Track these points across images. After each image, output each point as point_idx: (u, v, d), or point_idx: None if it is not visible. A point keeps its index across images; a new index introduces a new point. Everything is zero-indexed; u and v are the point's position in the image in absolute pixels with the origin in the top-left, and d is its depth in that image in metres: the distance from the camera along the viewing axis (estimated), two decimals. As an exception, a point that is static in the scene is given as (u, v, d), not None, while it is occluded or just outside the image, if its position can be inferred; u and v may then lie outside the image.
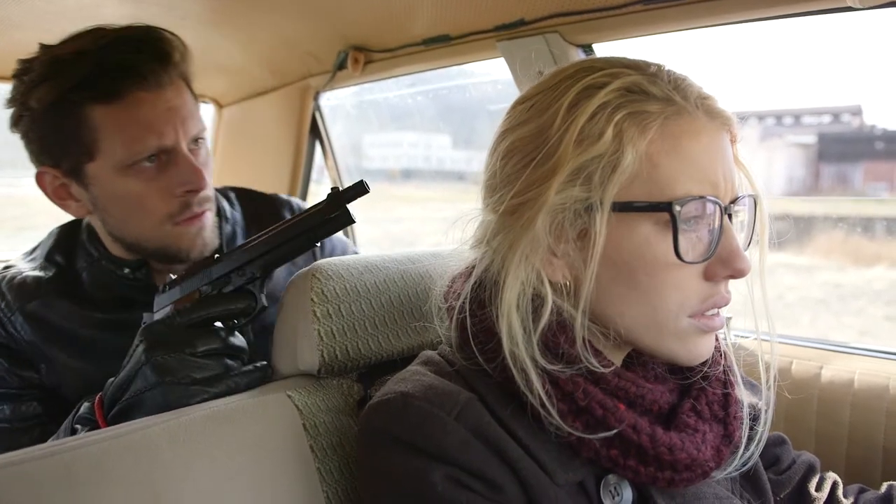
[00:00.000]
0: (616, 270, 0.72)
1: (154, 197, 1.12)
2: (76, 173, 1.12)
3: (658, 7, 1.16)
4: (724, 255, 0.72)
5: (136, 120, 1.08)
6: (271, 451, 0.85)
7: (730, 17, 1.15)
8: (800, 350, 1.40)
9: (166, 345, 0.90)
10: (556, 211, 0.71)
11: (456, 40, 1.51)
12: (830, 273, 6.45)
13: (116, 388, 0.93)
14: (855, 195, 7.12)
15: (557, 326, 0.73)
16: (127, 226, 1.16)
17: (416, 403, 0.72)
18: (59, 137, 1.09)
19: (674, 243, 0.69)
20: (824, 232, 6.24)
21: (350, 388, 0.97)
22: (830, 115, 9.22)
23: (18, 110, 1.11)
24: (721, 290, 0.74)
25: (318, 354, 0.91)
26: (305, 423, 0.89)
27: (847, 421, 1.28)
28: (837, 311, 5.86)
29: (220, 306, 0.95)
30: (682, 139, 0.71)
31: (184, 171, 1.12)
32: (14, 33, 1.56)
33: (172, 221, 1.14)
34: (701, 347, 0.75)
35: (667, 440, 0.72)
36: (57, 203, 1.17)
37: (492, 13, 1.35)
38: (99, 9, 1.38)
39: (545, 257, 0.73)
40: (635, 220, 0.71)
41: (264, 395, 0.90)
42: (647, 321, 0.73)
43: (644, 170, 0.70)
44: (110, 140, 1.08)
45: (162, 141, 1.10)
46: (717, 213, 0.71)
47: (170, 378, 0.88)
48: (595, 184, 0.70)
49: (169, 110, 1.10)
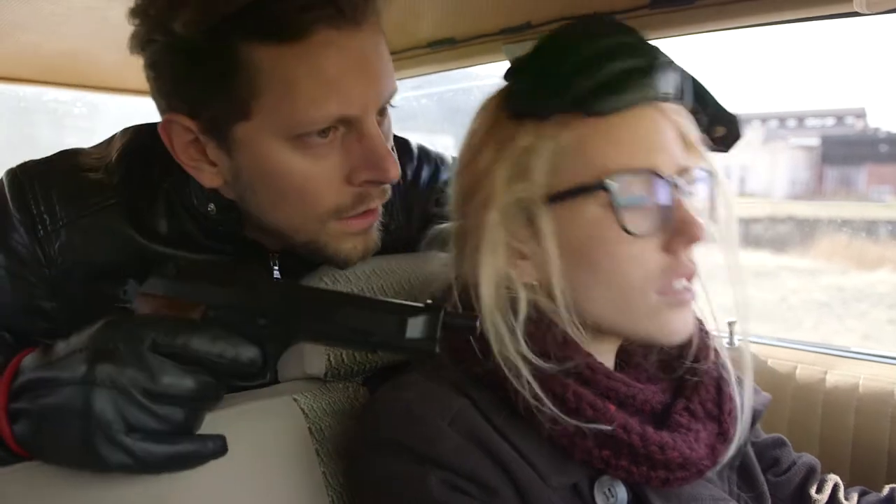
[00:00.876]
0: (577, 258, 0.74)
1: (322, 183, 0.82)
2: (219, 131, 0.81)
3: (664, 11, 1.16)
4: (676, 224, 0.72)
5: (319, 72, 0.76)
6: (277, 455, 0.86)
7: (736, 22, 1.15)
8: (804, 355, 1.40)
9: (117, 367, 0.63)
10: (507, 211, 0.74)
11: (461, 43, 1.51)
12: (833, 276, 6.44)
13: (38, 382, 0.65)
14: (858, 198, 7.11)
15: (541, 325, 0.75)
16: (274, 210, 0.86)
17: (410, 409, 0.73)
18: (205, 80, 0.78)
19: (617, 219, 0.71)
20: (827, 235, 6.23)
21: (356, 392, 0.97)
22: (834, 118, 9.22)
23: (150, 30, 0.79)
24: (683, 261, 0.74)
25: (325, 358, 0.91)
26: (311, 427, 0.89)
27: (852, 426, 1.28)
28: (841, 315, 5.85)
29: (213, 346, 0.66)
30: (610, 122, 0.72)
31: (370, 152, 0.81)
32: (19, 35, 1.56)
33: (338, 216, 0.86)
34: (675, 323, 0.75)
35: (658, 439, 0.72)
36: (185, 163, 0.85)
37: (497, 16, 1.35)
38: (106, 11, 1.38)
39: (511, 261, 0.76)
40: (580, 205, 0.73)
41: (270, 399, 0.90)
42: (616, 303, 0.74)
43: (572, 153, 0.72)
44: (276, 97, 0.76)
45: (347, 107, 0.78)
46: (660, 184, 0.72)
47: (99, 421, 0.62)
48: (531, 179, 0.73)
49: (362, 62, 0.78)
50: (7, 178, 0.92)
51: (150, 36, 0.79)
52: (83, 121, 2.58)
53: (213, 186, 0.88)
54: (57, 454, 0.67)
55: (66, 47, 1.65)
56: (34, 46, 1.63)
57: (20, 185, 0.90)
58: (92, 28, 1.50)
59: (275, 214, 0.87)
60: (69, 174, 0.92)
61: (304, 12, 0.73)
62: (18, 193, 0.90)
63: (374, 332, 0.68)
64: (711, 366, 0.83)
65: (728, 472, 0.85)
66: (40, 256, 0.89)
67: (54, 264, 0.89)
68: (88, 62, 1.80)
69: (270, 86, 0.76)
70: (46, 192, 0.90)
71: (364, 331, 0.68)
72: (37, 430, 0.65)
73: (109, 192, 0.92)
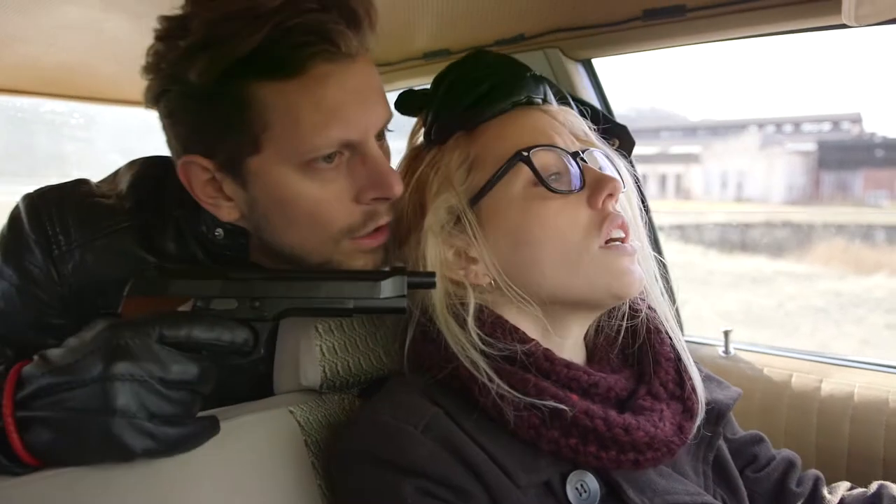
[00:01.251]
0: (516, 239, 0.82)
1: (333, 204, 0.88)
2: (233, 167, 0.87)
3: (659, 23, 1.18)
4: (591, 182, 0.82)
5: (320, 102, 0.82)
6: (273, 468, 0.86)
7: (728, 34, 1.17)
8: (800, 363, 1.41)
9: (134, 361, 0.69)
10: (441, 220, 0.85)
11: (456, 54, 1.52)
12: (831, 281, 6.45)
13: (50, 388, 0.69)
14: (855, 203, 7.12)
15: (492, 319, 0.81)
16: (289, 236, 0.91)
17: (385, 420, 0.76)
18: (219, 120, 0.84)
19: (540, 181, 0.80)
20: (824, 240, 6.25)
21: (352, 404, 0.97)
22: (830, 123, 9.22)
23: (164, 83, 0.85)
24: (610, 210, 0.82)
25: (321, 370, 0.92)
26: (307, 440, 0.89)
27: (847, 434, 1.28)
28: (838, 320, 5.87)
29: (212, 331, 0.75)
30: (502, 124, 0.87)
31: (374, 172, 0.87)
32: (18, 47, 1.57)
33: (351, 236, 0.90)
34: (624, 271, 0.81)
35: (621, 422, 0.75)
36: (204, 202, 0.91)
37: (492, 28, 1.37)
38: (104, 23, 1.39)
39: (462, 265, 0.84)
40: (503, 189, 0.83)
41: (266, 411, 0.90)
42: (565, 266, 0.80)
43: (480, 157, 0.85)
44: (283, 128, 0.83)
45: (348, 132, 0.84)
46: (564, 155, 0.83)
47: (124, 412, 0.68)
48: (453, 188, 0.85)
49: (358, 91, 0.85)
50: (24, 202, 0.97)
51: (165, 87, 0.85)
52: (81, 131, 2.59)
53: (231, 220, 0.93)
54: (80, 455, 0.71)
55: (65, 59, 1.65)
56: (33, 58, 1.64)
57: (37, 208, 0.96)
58: (90, 41, 1.51)
59: (290, 239, 0.91)
60: (83, 199, 0.98)
61: (302, 49, 0.80)
62: (35, 216, 0.95)
63: (352, 298, 0.80)
64: (668, 349, 0.88)
65: (703, 467, 0.86)
66: (54, 275, 0.94)
67: (67, 283, 0.95)
68: (86, 74, 1.81)
69: (277, 118, 0.82)
70: (62, 215, 0.95)
71: (343, 298, 0.80)
72: (57, 435, 0.69)
73: (122, 216, 0.97)
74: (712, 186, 12.51)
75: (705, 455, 0.86)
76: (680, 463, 0.83)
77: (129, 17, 1.35)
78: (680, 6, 1.11)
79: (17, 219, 0.96)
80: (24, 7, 1.28)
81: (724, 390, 0.92)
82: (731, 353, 1.52)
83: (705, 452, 0.86)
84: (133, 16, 1.35)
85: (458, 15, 1.31)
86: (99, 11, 1.32)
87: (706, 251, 7.14)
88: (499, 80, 0.88)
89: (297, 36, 0.79)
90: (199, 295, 0.80)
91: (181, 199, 0.96)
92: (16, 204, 0.98)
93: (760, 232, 6.41)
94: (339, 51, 0.81)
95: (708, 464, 0.87)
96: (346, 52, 0.82)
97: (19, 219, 0.96)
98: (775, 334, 5.77)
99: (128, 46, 1.55)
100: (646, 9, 1.15)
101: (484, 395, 0.75)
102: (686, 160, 14.06)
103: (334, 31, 0.80)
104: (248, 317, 0.79)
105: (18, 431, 0.68)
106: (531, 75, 0.91)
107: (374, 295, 0.81)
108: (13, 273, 0.94)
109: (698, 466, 0.86)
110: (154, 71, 0.86)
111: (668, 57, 1.28)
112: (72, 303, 0.95)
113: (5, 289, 0.95)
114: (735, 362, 1.50)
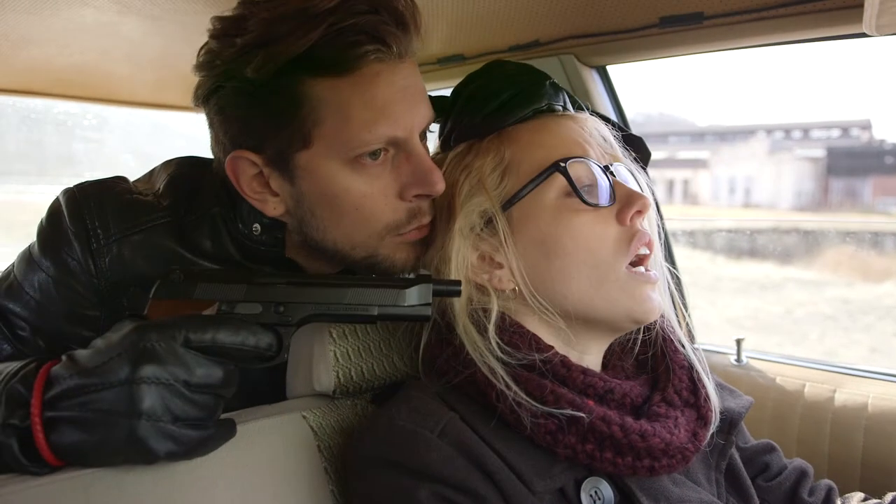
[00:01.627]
0: (544, 249, 0.82)
1: (378, 199, 0.90)
2: (282, 162, 0.90)
3: (676, 30, 1.17)
4: (622, 198, 0.83)
5: (370, 100, 0.86)
6: (286, 473, 0.86)
7: (745, 42, 1.15)
8: (812, 373, 1.40)
9: (160, 365, 0.70)
10: (471, 224, 0.86)
11: (470, 60, 1.52)
12: (839, 289, 6.42)
13: (78, 389, 0.70)
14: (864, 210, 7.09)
15: (513, 327, 0.82)
16: (335, 230, 0.93)
17: (401, 424, 0.76)
18: (271, 115, 0.87)
19: (575, 192, 0.81)
20: (833, 247, 6.22)
21: (364, 410, 0.97)
22: (839, 130, 9.21)
23: (218, 80, 0.88)
24: (638, 228, 0.83)
25: (334, 375, 0.92)
26: (320, 445, 0.89)
27: (861, 444, 1.27)
28: (847, 327, 5.84)
29: (237, 336, 0.75)
30: (537, 130, 0.88)
31: (418, 169, 0.89)
32: (32, 49, 1.57)
33: (396, 232, 0.93)
34: (647, 298, 0.82)
35: (637, 427, 0.76)
36: (249, 196, 0.94)
37: (507, 33, 1.36)
38: (117, 26, 1.40)
39: (487, 270, 0.85)
40: (536, 197, 0.84)
41: (280, 416, 0.90)
42: (591, 281, 0.81)
43: (515, 162, 0.86)
44: (333, 123, 0.86)
45: (395, 129, 0.87)
46: (596, 168, 0.84)
47: (149, 415, 0.69)
48: (485, 191, 0.85)
49: (406, 89, 0.88)
50: (65, 195, 0.99)
51: (218, 83, 0.89)
52: (93, 132, 2.61)
53: (276, 215, 0.96)
54: (103, 456, 0.72)
55: (78, 61, 1.66)
56: (46, 60, 1.65)
57: (77, 201, 0.98)
58: (104, 43, 1.52)
59: (335, 234, 0.94)
60: (122, 195, 1.00)
61: (355, 48, 0.83)
62: (75, 209, 0.97)
63: (377, 305, 0.81)
64: (682, 357, 0.89)
65: (716, 475, 0.86)
66: (91, 268, 0.96)
67: (104, 276, 0.96)
68: (99, 75, 1.81)
69: (329, 114, 0.86)
70: (101, 209, 0.97)
71: (368, 305, 0.81)
72: (83, 435, 0.69)
73: (159, 212, 1.00)
74: (720, 192, 12.46)
75: (718, 463, 0.86)
76: (693, 471, 0.83)
77: (144, 19, 1.36)
78: (698, 13, 1.10)
79: (57, 211, 0.98)
80: (38, 9, 1.28)
81: (736, 399, 0.92)
82: (743, 362, 1.51)
83: (718, 461, 0.86)
84: (148, 18, 1.35)
85: (473, 20, 1.31)
86: (114, 14, 1.32)
87: (714, 257, 7.12)
88: (519, 89, 0.89)
89: (350, 36, 0.83)
90: (224, 299, 0.80)
91: (217, 197, 1.00)
92: (55, 197, 1.00)
93: (768, 238, 6.39)
94: (389, 51, 0.85)
95: (721, 472, 0.87)
96: (395, 53, 0.86)
97: (59, 211, 0.97)
98: (784, 341, 5.75)
99: (142, 48, 1.56)
100: (663, 16, 1.15)
101: (501, 401, 0.76)
102: (694, 165, 14.02)
103: (385, 32, 0.84)
104: (273, 321, 0.80)
105: (44, 431, 0.69)
106: (550, 83, 0.92)
107: (400, 302, 0.81)
108: (51, 265, 0.96)
109: (711, 475, 0.86)
110: (207, 68, 0.89)
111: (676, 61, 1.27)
112: (107, 296, 0.97)
113: (42, 280, 0.96)
114: (747, 371, 1.49)
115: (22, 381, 0.72)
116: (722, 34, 1.14)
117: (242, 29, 0.84)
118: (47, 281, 0.96)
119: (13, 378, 0.73)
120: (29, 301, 0.95)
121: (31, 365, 0.74)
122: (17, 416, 0.70)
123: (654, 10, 1.15)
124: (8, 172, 2.84)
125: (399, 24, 0.86)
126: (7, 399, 0.71)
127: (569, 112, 0.92)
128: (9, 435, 0.69)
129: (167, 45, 1.51)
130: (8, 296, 0.96)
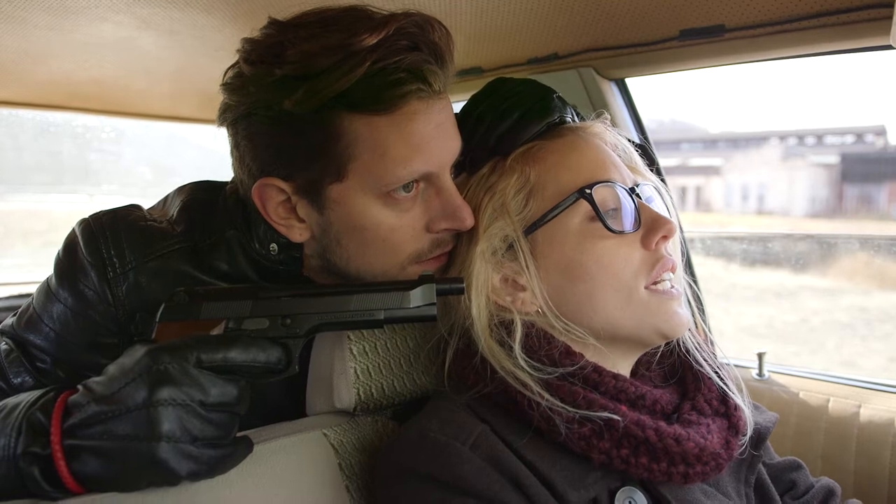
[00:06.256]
0: (569, 273, 0.82)
1: (406, 233, 0.91)
2: (313, 192, 0.90)
3: (694, 43, 1.16)
4: (647, 222, 0.83)
5: (408, 138, 0.86)
6: (308, 491, 0.85)
7: (768, 54, 1.14)
8: (837, 388, 1.38)
9: (175, 386, 0.71)
10: (494, 248, 0.85)
11: (488, 72, 1.51)
12: (855, 296, 6.35)
13: (97, 416, 0.70)
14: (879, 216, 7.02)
15: (541, 341, 0.81)
16: (359, 259, 0.94)
17: (433, 436, 0.75)
18: (307, 148, 0.87)
19: (600, 219, 0.81)
20: (848, 254, 6.15)
21: (385, 427, 0.97)
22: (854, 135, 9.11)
23: (251, 106, 0.88)
24: (662, 253, 0.83)
25: (355, 392, 0.91)
26: (341, 463, 0.89)
27: (888, 461, 1.25)
28: (864, 336, 5.77)
29: (248, 353, 0.76)
30: (563, 152, 0.87)
31: (448, 204, 0.90)
32: (52, 64, 1.59)
33: (417, 260, 0.93)
34: (674, 314, 0.82)
35: (672, 432, 0.75)
36: (275, 222, 0.94)
37: (525, 47, 1.36)
38: (136, 41, 1.41)
39: (510, 293, 0.84)
40: (560, 223, 0.83)
41: (300, 434, 0.90)
42: (616, 303, 0.81)
43: (539, 185, 0.85)
44: (369, 159, 0.86)
45: (428, 165, 0.88)
46: (622, 191, 0.83)
47: (169, 437, 0.69)
48: (509, 215, 0.85)
49: (439, 126, 0.89)
50: (80, 226, 0.99)
51: (251, 110, 0.88)
52: (110, 144, 2.63)
53: (301, 241, 0.96)
54: (126, 481, 0.72)
55: (96, 75, 1.67)
56: (65, 74, 1.66)
57: (92, 231, 0.98)
58: (123, 57, 1.53)
59: (358, 262, 0.94)
60: (136, 223, 1.00)
61: (398, 87, 0.83)
62: (90, 239, 0.97)
63: (382, 309, 0.80)
64: (710, 368, 0.88)
65: (745, 489, 0.86)
66: (109, 297, 0.96)
67: (122, 305, 0.96)
68: (117, 89, 1.83)
69: (365, 150, 0.86)
70: (116, 239, 0.98)
71: (373, 310, 0.81)
72: (105, 463, 0.70)
73: (174, 239, 1.00)
74: (733, 199, 12.39)
75: (747, 477, 0.86)
76: (723, 483, 0.83)
77: (162, 33, 1.37)
78: (719, 26, 1.09)
79: (72, 242, 0.98)
80: (59, 25, 1.29)
81: (761, 414, 0.92)
82: (765, 376, 1.49)
83: (747, 474, 0.86)
84: (166, 32, 1.36)
85: (491, 33, 1.31)
86: (133, 29, 1.33)
87: (727, 265, 7.07)
88: (528, 107, 0.89)
89: (392, 73, 0.83)
90: (231, 316, 0.80)
91: (231, 219, 1.00)
92: (72, 228, 1.00)
93: (782, 245, 6.33)
94: (430, 89, 0.86)
95: (750, 486, 0.86)
96: (435, 90, 0.87)
97: (75, 242, 0.98)
98: (800, 350, 5.69)
99: (159, 62, 1.57)
100: (683, 29, 1.14)
101: (534, 409, 0.75)
102: (706, 172, 13.96)
103: (427, 70, 0.85)
104: (281, 335, 0.80)
105: (66, 459, 0.70)
106: (557, 96, 0.92)
107: (405, 304, 0.81)
108: (68, 295, 0.96)
109: (740, 488, 0.85)
110: (239, 94, 0.88)
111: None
112: (125, 324, 0.97)
113: (60, 311, 0.96)
114: (769, 385, 1.47)
115: (42, 409, 0.73)
116: (743, 47, 1.13)
117: (280, 58, 0.83)
118: (65, 312, 0.96)
119: (33, 406, 0.74)
120: (48, 333, 0.95)
121: (49, 394, 0.75)
122: (38, 443, 0.71)
123: (675, 23, 1.14)
124: (26, 183, 2.87)
125: (438, 59, 0.86)
126: (28, 427, 0.72)
127: (588, 123, 0.92)
128: (30, 462, 0.70)
129: (184, 59, 1.52)
130: (28, 328, 0.96)
